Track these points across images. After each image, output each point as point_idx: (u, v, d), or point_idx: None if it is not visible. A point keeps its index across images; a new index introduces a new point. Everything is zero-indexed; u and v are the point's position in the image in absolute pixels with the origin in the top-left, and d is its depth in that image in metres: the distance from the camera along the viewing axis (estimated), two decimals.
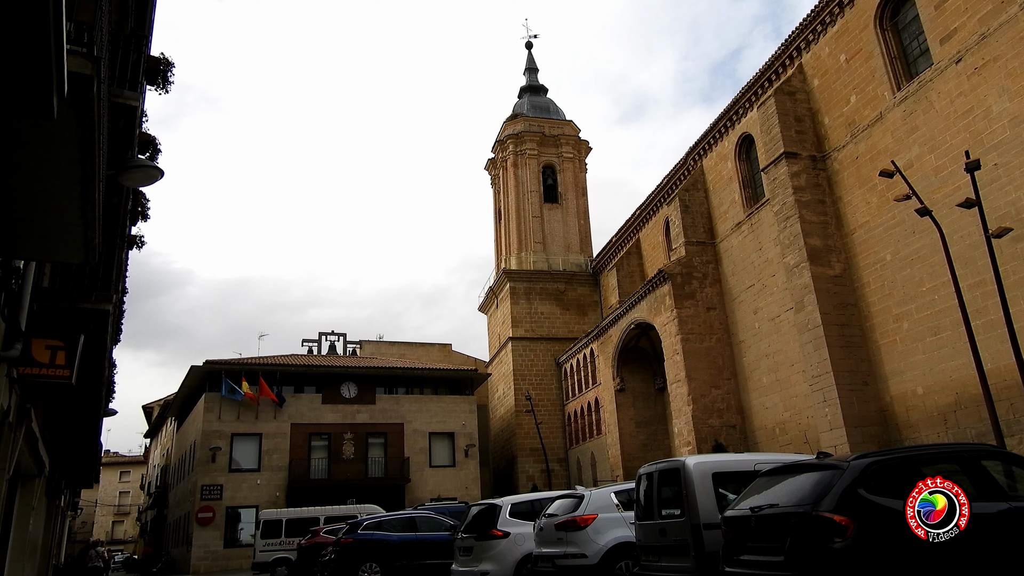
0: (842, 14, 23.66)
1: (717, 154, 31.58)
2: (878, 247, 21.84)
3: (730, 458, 10.44)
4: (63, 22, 3.36)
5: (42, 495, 15.04)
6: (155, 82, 9.83)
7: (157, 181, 8.36)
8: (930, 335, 19.77)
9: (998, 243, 14.86)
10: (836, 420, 21.15)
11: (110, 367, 14.38)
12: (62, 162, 4.76)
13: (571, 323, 45.69)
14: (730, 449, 26.04)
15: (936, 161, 19.56)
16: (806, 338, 22.76)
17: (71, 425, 14.54)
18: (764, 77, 27.64)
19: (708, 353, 29.35)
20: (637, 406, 35.44)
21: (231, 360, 36.40)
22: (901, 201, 16.36)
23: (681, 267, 30.52)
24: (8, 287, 6.74)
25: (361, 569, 15.61)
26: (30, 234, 5.84)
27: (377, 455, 36.59)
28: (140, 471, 70.25)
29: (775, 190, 24.84)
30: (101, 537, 65.17)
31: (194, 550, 32.17)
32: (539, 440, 39.11)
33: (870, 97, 22.45)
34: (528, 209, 48.33)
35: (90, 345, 8.84)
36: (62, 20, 3.33)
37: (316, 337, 44.73)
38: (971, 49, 18.65)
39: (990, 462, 6.62)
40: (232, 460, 34.21)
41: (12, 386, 7.73)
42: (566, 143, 50.63)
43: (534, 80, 55.52)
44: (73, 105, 4.18)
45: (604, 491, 11.20)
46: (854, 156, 23.02)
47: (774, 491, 6.76)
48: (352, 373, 37.75)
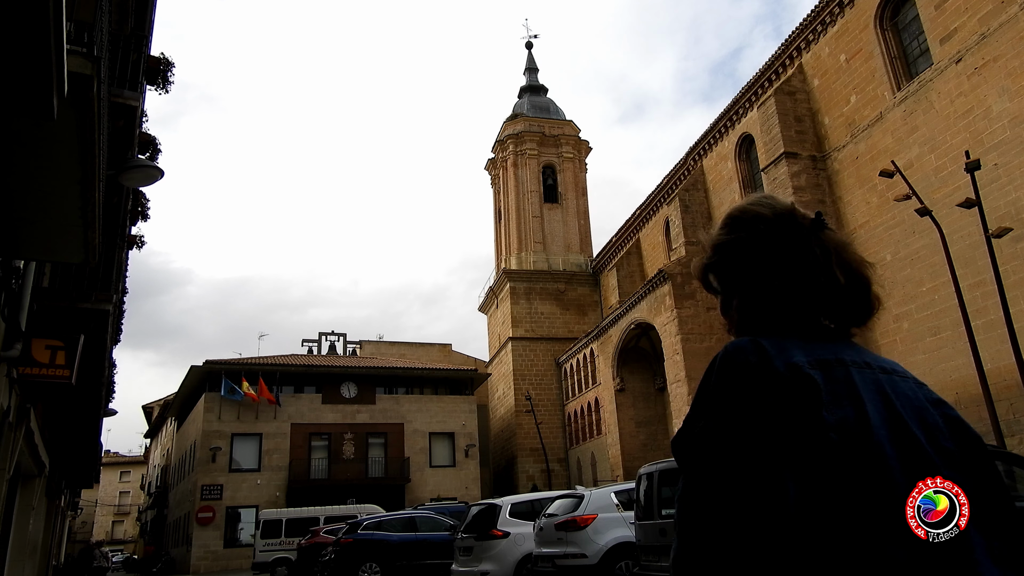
0: (842, 14, 23.67)
1: (717, 154, 31.58)
2: (878, 247, 21.85)
3: None
4: (63, 22, 3.36)
5: (42, 495, 15.04)
6: (155, 82, 9.84)
7: (157, 181, 8.36)
8: (930, 335, 19.78)
9: (998, 243, 14.86)
10: None
11: (110, 367, 14.39)
12: (62, 162, 4.76)
13: (571, 323, 45.69)
14: None
15: (936, 161, 19.57)
16: None
17: (71, 425, 14.54)
18: (764, 77, 27.64)
19: (708, 353, 29.32)
20: (637, 406, 35.44)
21: (231, 360, 36.40)
22: (901, 201, 16.36)
23: (681, 267, 30.51)
24: (8, 287, 6.74)
25: (361, 569, 15.61)
26: (30, 234, 5.84)
27: (377, 455, 36.59)
28: (140, 471, 70.24)
29: (775, 190, 24.84)
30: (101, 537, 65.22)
31: (194, 550, 32.16)
32: (539, 440, 39.11)
33: (870, 97, 22.45)
34: (528, 209, 48.33)
35: (90, 345, 8.83)
36: (62, 20, 3.33)
37: (316, 337, 44.75)
38: (971, 49, 18.65)
39: None
40: (232, 460, 34.21)
41: (12, 386, 7.73)
42: (566, 143, 50.63)
43: (534, 80, 55.52)
44: (73, 105, 4.18)
45: (604, 491, 11.20)
46: (854, 156, 23.02)
47: None
48: (352, 373, 37.75)
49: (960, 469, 1.12)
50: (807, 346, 1.19)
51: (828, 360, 1.17)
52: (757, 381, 1.12)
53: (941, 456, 1.12)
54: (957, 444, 1.15)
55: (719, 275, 1.38)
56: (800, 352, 1.16)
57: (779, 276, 1.26)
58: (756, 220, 1.31)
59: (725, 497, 1.07)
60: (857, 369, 1.17)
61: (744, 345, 1.18)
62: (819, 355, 1.17)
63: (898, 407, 1.14)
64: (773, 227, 1.29)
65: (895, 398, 1.15)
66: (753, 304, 1.31)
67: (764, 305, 1.29)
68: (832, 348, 1.21)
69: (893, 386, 1.18)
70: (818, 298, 1.25)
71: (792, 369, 1.13)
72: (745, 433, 1.08)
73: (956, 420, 1.19)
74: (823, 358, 1.17)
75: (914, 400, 1.18)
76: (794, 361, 1.14)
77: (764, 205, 1.32)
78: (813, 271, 1.24)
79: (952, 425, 1.18)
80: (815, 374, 1.13)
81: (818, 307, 1.26)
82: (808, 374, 1.12)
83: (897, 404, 1.14)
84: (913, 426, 1.12)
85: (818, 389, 1.10)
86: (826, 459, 1.05)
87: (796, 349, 1.17)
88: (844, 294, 1.25)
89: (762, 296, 1.30)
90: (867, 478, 1.05)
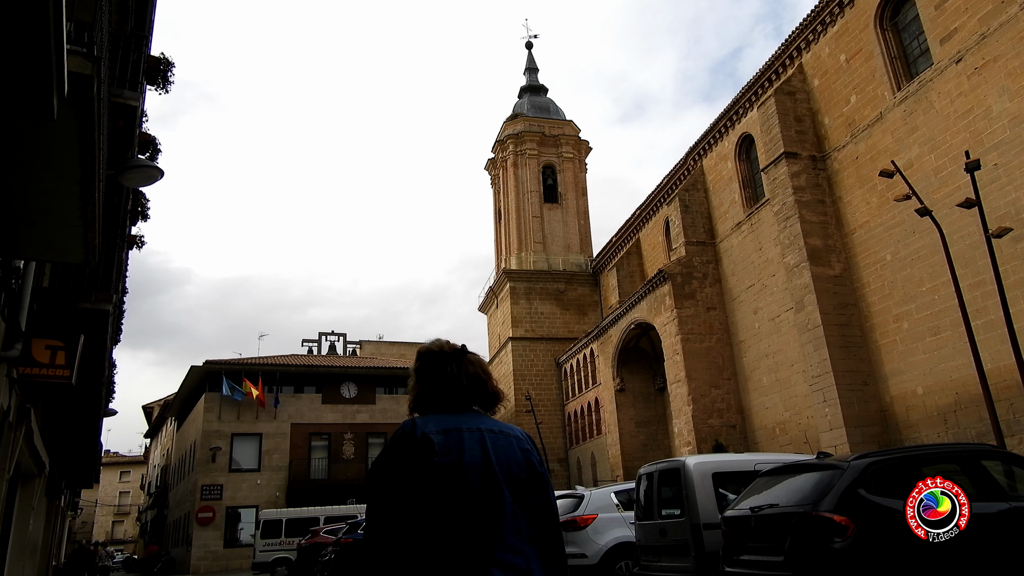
0: (842, 14, 23.66)
1: (717, 154, 31.57)
2: (878, 247, 21.84)
3: (730, 458, 10.44)
4: (63, 22, 3.36)
5: (42, 495, 15.04)
6: (155, 82, 9.83)
7: (157, 181, 8.36)
8: (930, 335, 19.77)
9: (998, 243, 14.85)
10: (836, 420, 21.15)
11: (110, 367, 14.38)
12: (62, 162, 4.75)
13: (571, 323, 45.68)
14: (730, 449, 26.04)
15: (936, 161, 19.56)
16: (806, 338, 22.76)
17: (71, 425, 14.53)
18: (764, 77, 27.63)
19: (708, 353, 29.35)
20: (637, 406, 35.43)
21: (231, 360, 36.40)
22: (901, 201, 16.35)
23: (681, 267, 30.51)
24: (8, 287, 6.74)
25: None
26: (30, 234, 5.84)
27: (377, 455, 36.54)
28: (140, 471, 70.22)
29: (775, 190, 24.84)
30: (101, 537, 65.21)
31: (194, 550, 32.15)
32: (539, 440, 39.09)
33: (870, 97, 22.44)
34: (528, 209, 48.32)
35: (90, 345, 8.83)
36: (62, 20, 3.33)
37: (316, 337, 44.82)
38: (971, 49, 18.64)
39: (990, 462, 6.62)
40: (232, 460, 34.20)
41: (12, 386, 7.73)
42: (566, 143, 50.62)
43: (534, 80, 55.50)
44: (73, 105, 4.18)
45: (604, 491, 11.21)
46: (854, 156, 23.01)
47: (774, 491, 6.76)
48: (352, 373, 37.75)
49: (518, 486, 2.07)
50: (439, 420, 2.11)
51: (449, 428, 2.08)
52: (406, 442, 2.05)
53: (508, 480, 2.06)
54: (528, 472, 2.13)
55: (415, 382, 2.29)
56: (433, 424, 2.09)
57: (432, 382, 2.24)
58: (428, 352, 2.28)
59: (382, 505, 1.99)
60: (468, 432, 2.09)
61: (406, 422, 2.12)
62: (444, 425, 2.09)
63: (491, 453, 2.07)
64: (435, 356, 2.26)
65: (491, 447, 2.08)
66: (420, 398, 2.26)
67: (425, 398, 2.25)
68: (455, 420, 2.13)
69: (493, 440, 2.12)
70: (451, 394, 2.21)
71: (424, 434, 2.04)
72: (394, 471, 2.02)
73: (530, 459, 2.17)
74: (446, 427, 2.08)
75: (506, 448, 2.13)
76: (426, 430, 2.06)
77: (434, 344, 2.30)
78: (449, 379, 2.22)
79: (528, 462, 2.15)
80: (436, 437, 2.04)
81: (452, 399, 2.21)
82: (431, 438, 2.03)
83: (491, 451, 2.07)
84: (496, 463, 2.06)
85: (434, 445, 2.02)
86: (434, 482, 1.97)
87: (432, 423, 2.10)
88: (467, 391, 2.22)
89: (424, 393, 2.25)
90: (456, 489, 1.98)
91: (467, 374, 2.24)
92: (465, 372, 2.24)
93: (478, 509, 1.98)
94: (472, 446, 2.06)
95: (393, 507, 1.97)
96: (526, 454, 2.17)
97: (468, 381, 2.23)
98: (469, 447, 2.05)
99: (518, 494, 2.07)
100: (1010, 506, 5.96)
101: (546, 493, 2.17)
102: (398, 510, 1.96)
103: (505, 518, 2.01)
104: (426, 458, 2.00)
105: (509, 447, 2.14)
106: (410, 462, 2.00)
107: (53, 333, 8.09)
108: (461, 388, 2.21)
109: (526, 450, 2.19)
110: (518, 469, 2.11)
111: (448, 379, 2.22)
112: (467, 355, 2.28)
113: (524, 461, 2.15)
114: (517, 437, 2.21)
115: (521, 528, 2.04)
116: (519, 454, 2.15)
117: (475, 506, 1.97)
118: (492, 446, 2.10)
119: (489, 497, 2.01)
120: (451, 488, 1.97)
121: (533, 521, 2.09)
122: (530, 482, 2.12)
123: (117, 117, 7.98)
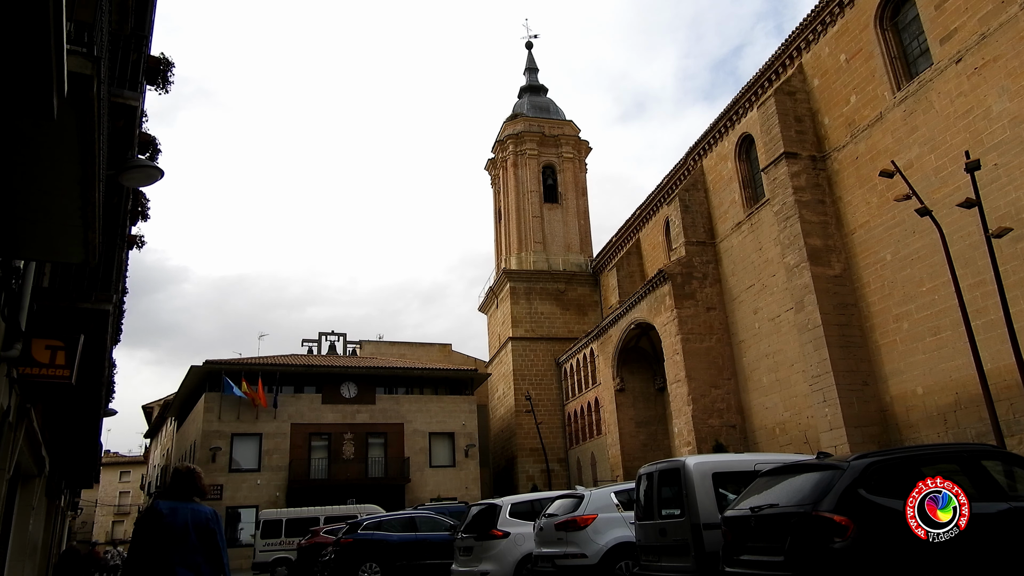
0: (842, 14, 23.67)
1: (717, 154, 31.58)
2: (878, 247, 21.85)
3: (730, 458, 10.44)
4: (63, 22, 3.36)
5: (42, 495, 15.05)
6: (155, 82, 9.83)
7: (157, 181, 8.36)
8: (930, 335, 19.77)
9: (998, 243, 14.86)
10: (836, 420, 21.16)
11: (110, 367, 14.38)
12: (62, 162, 4.75)
13: (571, 323, 45.70)
14: (730, 449, 26.04)
15: (936, 161, 19.57)
16: (806, 338, 22.77)
17: (71, 425, 14.53)
18: (764, 77, 27.64)
19: (708, 353, 29.36)
20: (637, 406, 35.45)
21: (231, 360, 36.41)
22: (901, 201, 16.36)
23: (681, 267, 30.53)
24: (8, 287, 6.74)
25: (361, 569, 15.61)
26: (30, 234, 5.84)
27: (377, 455, 36.60)
28: (140, 471, 70.18)
29: (775, 190, 24.85)
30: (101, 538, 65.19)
31: None
32: (539, 440, 39.11)
33: (870, 97, 22.45)
34: (528, 209, 48.35)
35: (90, 345, 8.83)
36: (62, 20, 3.33)
37: (315, 337, 44.79)
38: (971, 49, 18.65)
39: (990, 462, 6.62)
40: (232, 460, 34.22)
41: (12, 386, 7.73)
42: (566, 143, 50.65)
43: (534, 80, 55.54)
44: (73, 105, 4.18)
45: (604, 491, 11.20)
46: (854, 156, 23.02)
47: (774, 491, 6.76)
48: (352, 373, 37.75)
49: (200, 531, 4.94)
50: (169, 503, 4.94)
51: (175, 507, 4.91)
52: (150, 513, 4.93)
53: (196, 528, 4.91)
54: (206, 526, 4.96)
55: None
56: (165, 504, 4.93)
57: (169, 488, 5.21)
58: (175, 472, 5.26)
59: (137, 550, 4.91)
60: (184, 509, 4.92)
61: (153, 501, 5.30)
62: (172, 506, 4.92)
63: (201, 519, 4.95)
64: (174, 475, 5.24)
65: (191, 516, 4.91)
66: (164, 492, 5.16)
67: (164, 491, 5.13)
68: (179, 502, 4.97)
69: (194, 510, 4.95)
70: (181, 489, 5.08)
71: (158, 508, 4.90)
72: (141, 529, 4.94)
73: (208, 520, 4.98)
74: (173, 506, 4.91)
75: (199, 515, 4.96)
76: (159, 506, 4.91)
77: (181, 466, 5.19)
78: (176, 484, 5.26)
79: (207, 520, 4.98)
80: (166, 510, 4.88)
81: (181, 490, 5.06)
82: (162, 511, 4.87)
83: (200, 518, 4.94)
84: (190, 524, 4.88)
85: (162, 515, 4.84)
86: (156, 536, 4.82)
87: (165, 503, 4.94)
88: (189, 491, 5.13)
89: (165, 490, 5.16)
90: (162, 538, 4.82)
91: (191, 483, 5.09)
92: (192, 482, 5.08)
93: (176, 540, 4.76)
94: (183, 517, 4.85)
95: (139, 541, 4.81)
96: (207, 518, 4.94)
97: (188, 485, 5.08)
98: (181, 518, 4.84)
99: (200, 535, 4.84)
100: (1010, 506, 5.96)
101: (214, 537, 4.92)
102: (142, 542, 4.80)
103: (190, 545, 4.78)
104: (157, 522, 4.79)
105: (201, 512, 4.94)
106: (148, 525, 4.82)
107: (53, 333, 8.09)
108: (185, 490, 5.06)
109: (208, 516, 4.95)
110: (200, 531, 4.87)
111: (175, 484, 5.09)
112: (194, 472, 5.10)
113: (204, 521, 4.91)
114: (205, 509, 4.98)
115: (199, 551, 4.82)
116: (203, 517, 4.92)
117: (174, 539, 4.76)
118: (192, 514, 4.88)
119: (183, 535, 4.78)
120: (159, 537, 4.76)
121: (206, 549, 4.85)
122: (207, 530, 4.88)
123: (117, 117, 7.99)
